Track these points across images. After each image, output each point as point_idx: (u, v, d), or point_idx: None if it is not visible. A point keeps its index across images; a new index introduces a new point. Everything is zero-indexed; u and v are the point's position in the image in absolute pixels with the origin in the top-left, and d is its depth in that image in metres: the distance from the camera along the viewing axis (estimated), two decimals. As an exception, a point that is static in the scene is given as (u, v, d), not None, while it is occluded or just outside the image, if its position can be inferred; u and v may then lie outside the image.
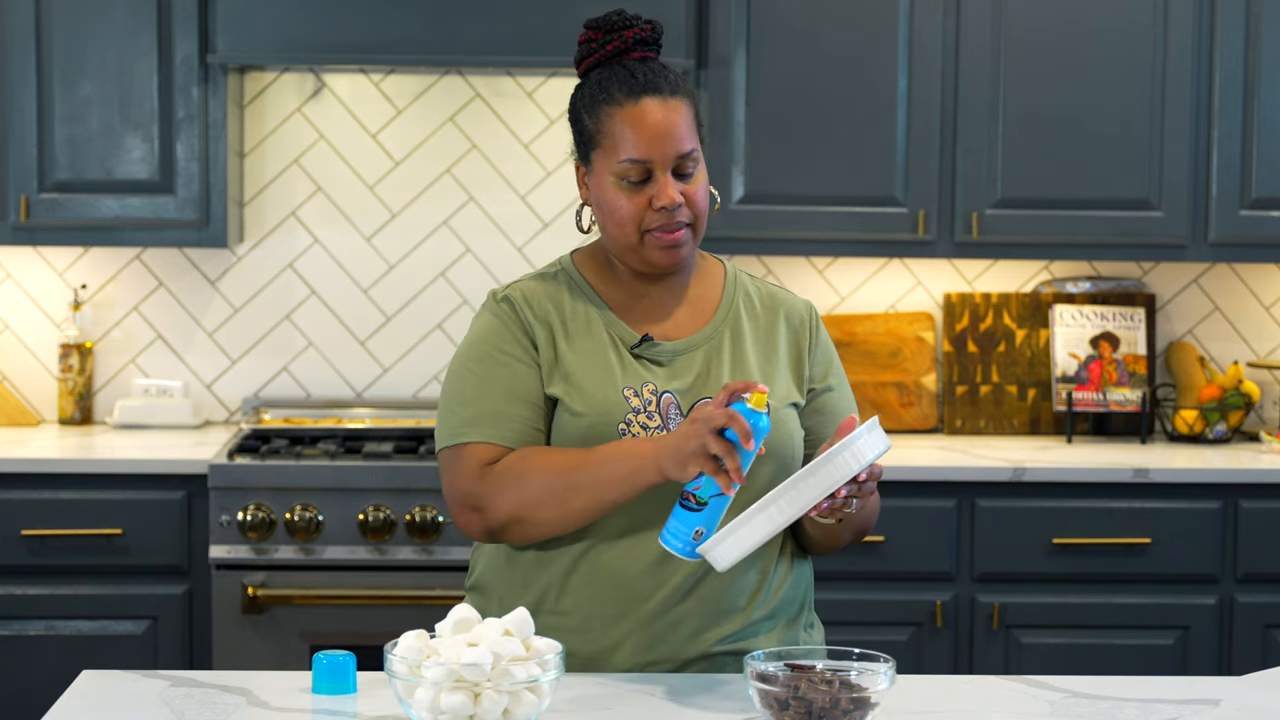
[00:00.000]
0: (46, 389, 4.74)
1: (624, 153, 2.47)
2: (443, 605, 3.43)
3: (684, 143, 2.48)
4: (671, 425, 2.48)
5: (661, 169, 2.47)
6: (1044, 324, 4.78)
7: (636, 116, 2.47)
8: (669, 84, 2.49)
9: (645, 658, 2.47)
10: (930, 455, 4.39)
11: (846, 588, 4.18)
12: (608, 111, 2.49)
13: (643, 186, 2.48)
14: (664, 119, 2.47)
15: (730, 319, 2.59)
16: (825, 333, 2.66)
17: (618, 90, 2.49)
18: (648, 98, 2.47)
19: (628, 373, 2.50)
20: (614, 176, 2.49)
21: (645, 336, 2.53)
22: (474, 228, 4.78)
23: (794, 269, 4.80)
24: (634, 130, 2.47)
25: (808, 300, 2.67)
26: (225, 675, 2.43)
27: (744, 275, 2.66)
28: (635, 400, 2.48)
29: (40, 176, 4.37)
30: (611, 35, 2.52)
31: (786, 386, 2.57)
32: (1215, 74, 4.48)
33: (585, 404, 2.48)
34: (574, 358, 2.51)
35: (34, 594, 4.16)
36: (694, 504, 2.32)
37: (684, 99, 2.50)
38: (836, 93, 4.45)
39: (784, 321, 2.62)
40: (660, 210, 2.47)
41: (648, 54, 2.53)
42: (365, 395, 4.79)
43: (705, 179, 2.53)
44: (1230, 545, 4.27)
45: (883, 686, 2.18)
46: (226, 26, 4.28)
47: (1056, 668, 4.17)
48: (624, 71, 2.50)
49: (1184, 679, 2.49)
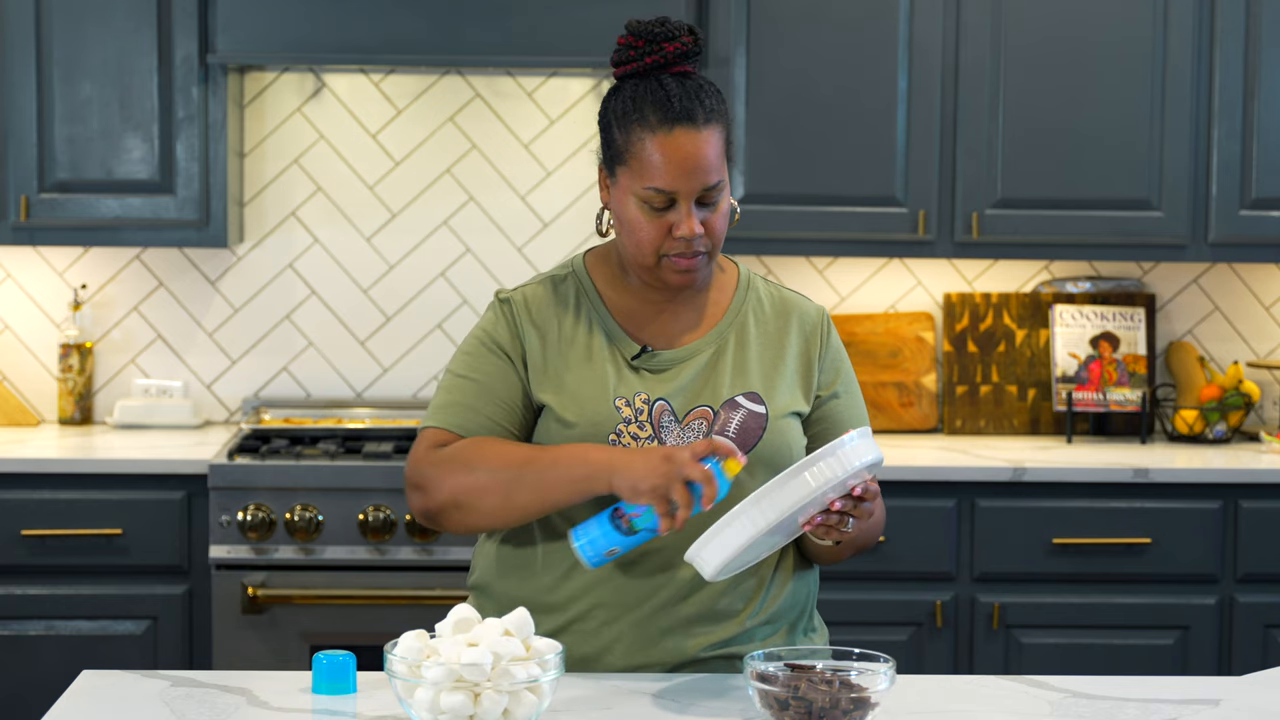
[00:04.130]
0: (46, 389, 4.74)
1: (649, 180, 2.44)
2: (443, 605, 3.43)
3: (711, 175, 2.44)
4: (663, 433, 2.47)
5: (686, 199, 2.44)
6: (1044, 324, 4.78)
7: (667, 146, 2.42)
8: (704, 110, 2.44)
9: (638, 660, 2.47)
10: (930, 455, 4.39)
11: (847, 588, 4.18)
12: (639, 133, 2.44)
13: (664, 213, 2.45)
14: (694, 151, 2.42)
15: (737, 325, 2.57)
16: (837, 339, 2.63)
17: (651, 113, 2.43)
18: (680, 128, 2.42)
19: (622, 382, 2.49)
20: (637, 198, 2.46)
21: (644, 348, 2.52)
22: (474, 228, 4.78)
23: (794, 269, 4.80)
24: (663, 160, 2.42)
25: (821, 306, 2.64)
26: (225, 675, 2.43)
27: (758, 279, 2.64)
28: (627, 410, 2.47)
29: (40, 176, 4.37)
30: (652, 47, 2.46)
31: (790, 395, 2.55)
32: (1215, 74, 4.49)
33: (577, 414, 2.47)
34: (568, 366, 2.51)
35: (34, 594, 4.16)
36: (624, 526, 2.30)
37: (717, 125, 2.45)
38: (836, 93, 4.45)
39: (795, 328, 2.59)
40: (679, 239, 2.45)
41: (687, 68, 2.48)
42: (365, 395, 4.79)
43: (728, 202, 2.50)
44: (1230, 545, 4.27)
45: (883, 686, 2.18)
46: (226, 26, 4.28)
47: (1056, 668, 4.17)
48: (661, 92, 2.44)
49: (1184, 679, 2.49)
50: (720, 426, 2.48)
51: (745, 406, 2.50)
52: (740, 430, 2.48)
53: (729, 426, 2.48)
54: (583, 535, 2.33)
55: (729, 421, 2.48)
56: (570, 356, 2.51)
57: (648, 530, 2.30)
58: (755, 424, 2.49)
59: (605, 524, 2.31)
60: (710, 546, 2.25)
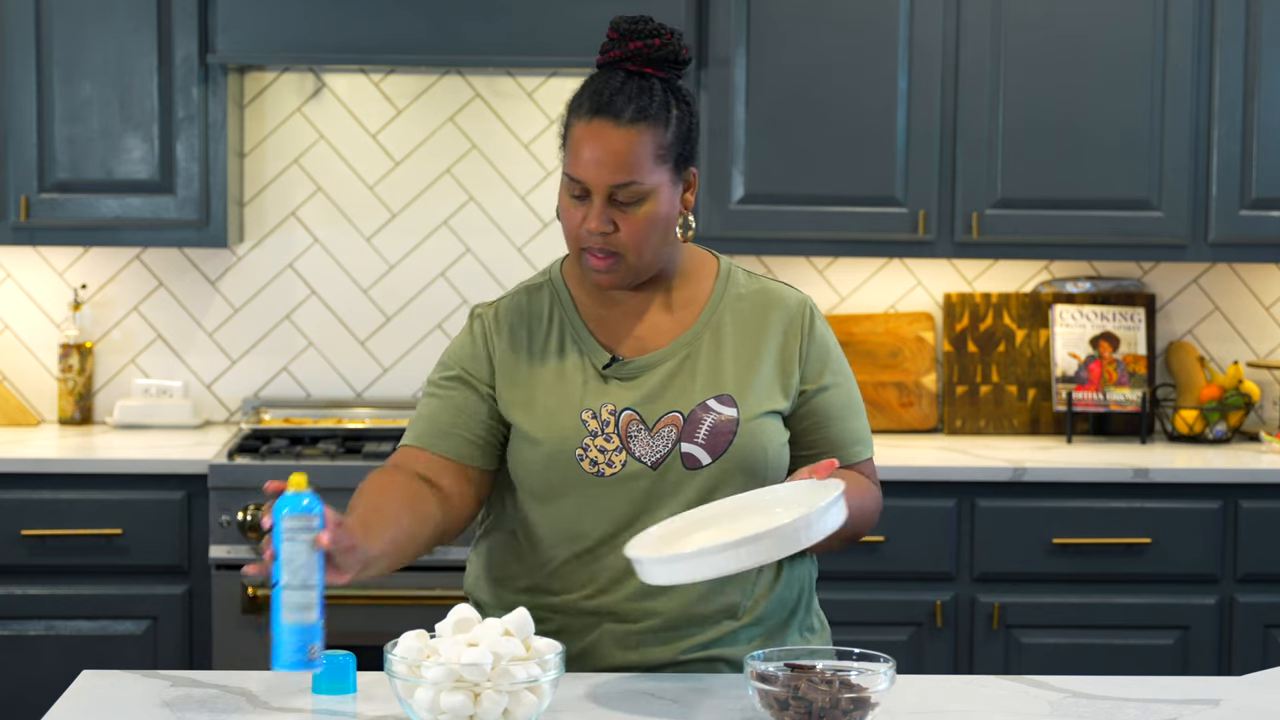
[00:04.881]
0: (46, 389, 4.74)
1: (569, 166, 2.44)
2: (443, 605, 3.42)
3: (622, 174, 2.39)
4: (631, 443, 2.45)
5: (597, 193, 2.41)
6: (1044, 324, 4.78)
7: (585, 135, 2.41)
8: (635, 109, 2.40)
9: (619, 660, 2.47)
10: (930, 455, 4.39)
11: (846, 588, 4.18)
12: (572, 119, 2.45)
13: (583, 201, 2.44)
14: (608, 146, 2.39)
15: (713, 324, 2.53)
16: (823, 329, 2.57)
17: (584, 101, 2.43)
18: (601, 120, 2.40)
19: (590, 394, 2.48)
20: (563, 183, 2.46)
21: (614, 358, 2.50)
22: (474, 228, 4.78)
23: (794, 269, 4.80)
24: (579, 148, 2.42)
25: (804, 296, 2.58)
26: (225, 675, 2.43)
27: (739, 272, 2.59)
28: (593, 423, 2.46)
29: (40, 176, 4.37)
30: (619, 43, 2.45)
31: (767, 394, 2.50)
32: (1215, 74, 4.48)
33: (544, 431, 2.46)
34: (539, 381, 2.50)
35: (34, 594, 4.16)
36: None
37: (649, 126, 2.40)
38: (836, 93, 4.44)
39: (775, 323, 2.54)
40: (587, 232, 2.43)
41: (649, 69, 2.44)
42: (365, 395, 4.79)
43: (659, 210, 2.43)
44: (1230, 545, 4.27)
45: (883, 686, 2.18)
46: (226, 26, 4.28)
47: (1056, 668, 4.17)
48: (603, 84, 2.43)
49: (1184, 679, 2.49)
50: (690, 431, 2.46)
51: (716, 410, 2.47)
52: (710, 434, 2.46)
53: (699, 431, 2.46)
54: (283, 657, 2.16)
55: (699, 426, 2.46)
56: (541, 370, 2.50)
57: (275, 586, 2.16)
58: (726, 428, 2.46)
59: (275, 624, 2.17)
60: (659, 568, 2.22)
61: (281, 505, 2.14)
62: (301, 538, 2.14)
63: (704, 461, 2.45)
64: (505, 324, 2.54)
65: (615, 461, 2.45)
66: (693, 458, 2.45)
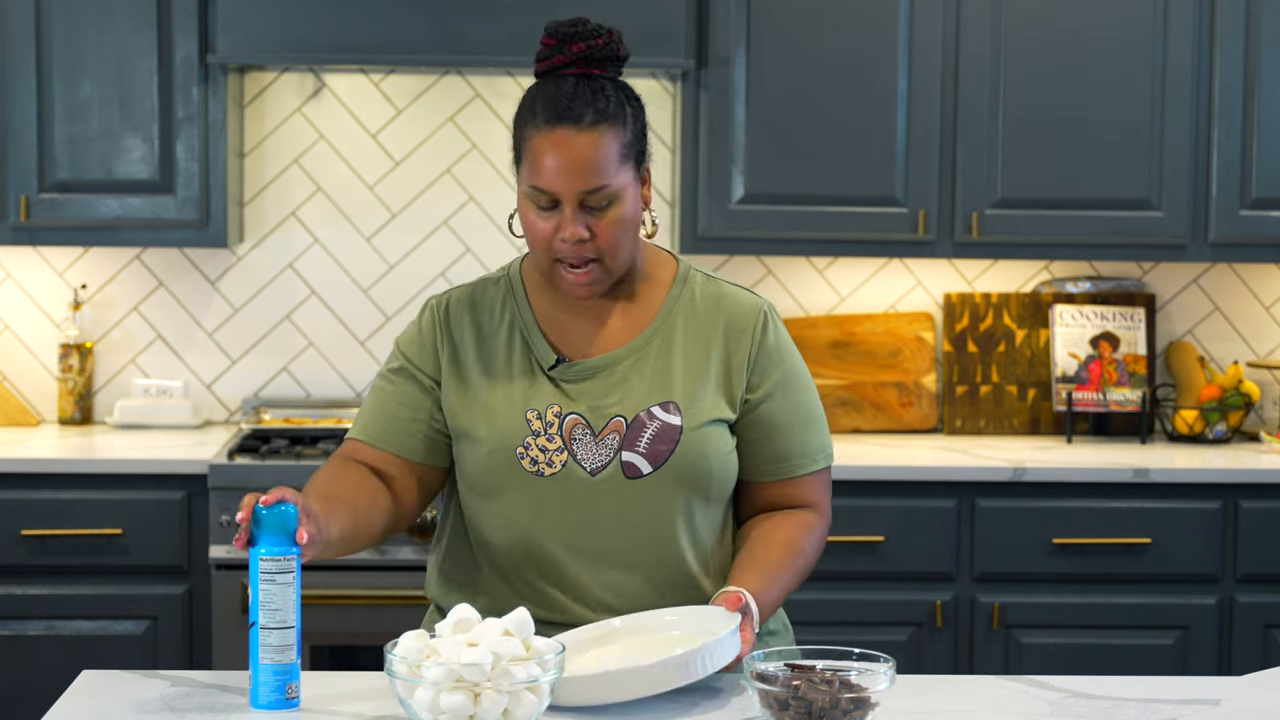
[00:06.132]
0: (46, 389, 4.74)
1: (533, 178, 2.39)
2: (443, 605, 3.43)
3: (593, 178, 2.36)
4: (574, 447, 2.44)
5: (569, 201, 2.38)
6: (1044, 324, 4.78)
7: (547, 145, 2.37)
8: (595, 111, 2.36)
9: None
10: (930, 455, 4.39)
11: (846, 588, 4.18)
12: (528, 131, 2.40)
13: (552, 212, 2.40)
14: (574, 152, 2.35)
15: (664, 329, 2.50)
16: (775, 336, 2.52)
17: (540, 111, 2.38)
18: (562, 127, 2.36)
19: (536, 393, 2.46)
20: (527, 197, 2.41)
21: (560, 359, 2.48)
22: (474, 228, 4.78)
23: (794, 269, 4.80)
24: (542, 159, 2.37)
25: (760, 301, 2.53)
26: (225, 675, 2.43)
27: (698, 275, 2.55)
28: (537, 423, 2.45)
29: (40, 176, 4.37)
30: (560, 47, 2.41)
31: (713, 402, 2.47)
32: (1215, 74, 4.49)
33: (487, 429, 2.45)
34: (482, 378, 2.49)
35: (34, 594, 4.16)
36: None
37: (611, 127, 2.37)
38: (836, 93, 4.44)
39: (722, 330, 2.50)
40: (563, 242, 2.40)
41: (595, 70, 2.41)
42: (365, 395, 4.78)
43: (628, 209, 2.41)
44: (1230, 545, 4.27)
45: (883, 686, 2.18)
46: (226, 26, 4.29)
47: (1056, 668, 4.17)
48: (555, 90, 2.39)
49: (1184, 679, 2.49)
50: (632, 439, 2.44)
51: (660, 418, 2.45)
52: (652, 442, 2.43)
53: (641, 439, 2.44)
54: (261, 697, 2.22)
55: (641, 433, 2.44)
56: (488, 367, 2.49)
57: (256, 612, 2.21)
58: (669, 435, 2.44)
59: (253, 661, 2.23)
60: (570, 686, 2.21)
61: (258, 547, 2.19)
62: (279, 580, 2.20)
63: (644, 470, 2.43)
64: (455, 317, 2.53)
65: (555, 461, 2.44)
66: (633, 466, 2.43)
